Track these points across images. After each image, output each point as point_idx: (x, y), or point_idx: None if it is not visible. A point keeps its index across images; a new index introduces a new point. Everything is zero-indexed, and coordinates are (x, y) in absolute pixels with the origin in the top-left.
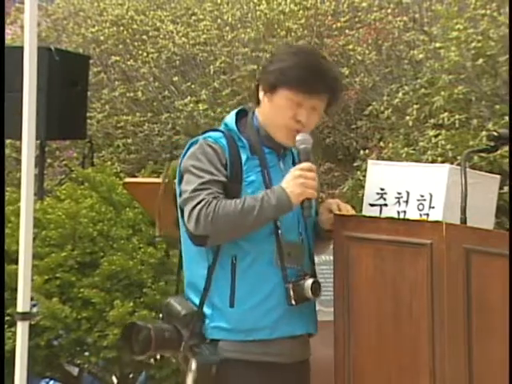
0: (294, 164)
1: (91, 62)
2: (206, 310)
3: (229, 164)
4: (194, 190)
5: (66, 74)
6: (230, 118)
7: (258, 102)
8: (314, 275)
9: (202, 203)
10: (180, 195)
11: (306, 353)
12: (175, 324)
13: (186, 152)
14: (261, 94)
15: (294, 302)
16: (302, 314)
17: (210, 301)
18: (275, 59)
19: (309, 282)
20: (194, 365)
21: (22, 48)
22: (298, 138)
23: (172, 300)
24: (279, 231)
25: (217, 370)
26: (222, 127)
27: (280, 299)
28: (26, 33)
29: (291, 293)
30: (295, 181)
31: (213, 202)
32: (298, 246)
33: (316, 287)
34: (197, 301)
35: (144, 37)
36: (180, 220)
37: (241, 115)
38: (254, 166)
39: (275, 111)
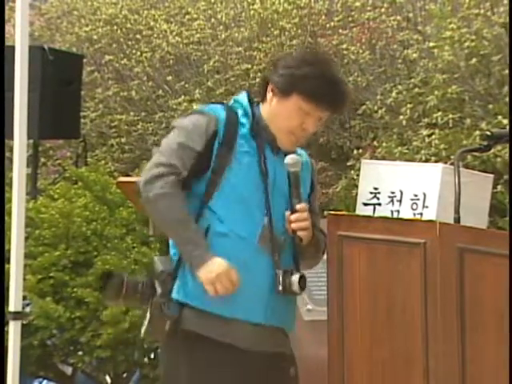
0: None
1: (85, 61)
2: (181, 270)
3: (221, 134)
4: (169, 151)
5: (60, 73)
6: (242, 96)
7: (263, 99)
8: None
9: (164, 180)
10: None
11: (280, 345)
12: (153, 280)
13: None
14: (269, 93)
15: (281, 289)
16: (267, 304)
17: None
18: (290, 62)
19: (297, 275)
20: (147, 317)
21: (14, 47)
22: (288, 161)
23: (157, 258)
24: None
25: (179, 342)
26: (230, 102)
27: (244, 280)
28: (18, 32)
29: (280, 279)
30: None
31: (172, 189)
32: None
33: (303, 282)
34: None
35: (138, 36)
36: None
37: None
38: (250, 145)
39: (283, 115)
